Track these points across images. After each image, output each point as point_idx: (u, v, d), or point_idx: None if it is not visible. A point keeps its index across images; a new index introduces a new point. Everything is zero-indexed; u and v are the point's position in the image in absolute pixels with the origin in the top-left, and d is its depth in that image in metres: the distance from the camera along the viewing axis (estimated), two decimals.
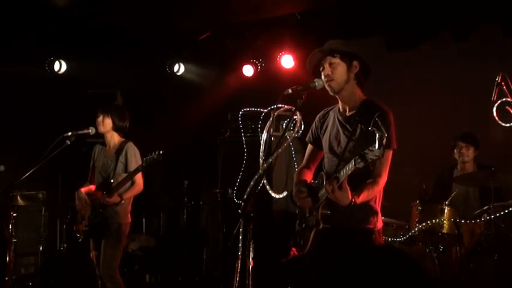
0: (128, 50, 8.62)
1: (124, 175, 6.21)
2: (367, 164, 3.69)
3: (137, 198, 6.46)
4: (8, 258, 6.79)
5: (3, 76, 8.35)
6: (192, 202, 8.91)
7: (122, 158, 6.31)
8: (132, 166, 6.22)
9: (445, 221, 6.24)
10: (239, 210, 3.84)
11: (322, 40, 4.52)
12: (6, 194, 6.69)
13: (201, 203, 9.38)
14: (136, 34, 8.41)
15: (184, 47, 8.88)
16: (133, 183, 6.26)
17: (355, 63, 4.36)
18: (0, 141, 8.93)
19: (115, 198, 6.14)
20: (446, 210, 6.28)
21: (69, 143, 6.22)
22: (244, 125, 7.97)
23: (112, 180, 6.22)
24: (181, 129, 9.10)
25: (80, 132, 6.39)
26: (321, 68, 4.40)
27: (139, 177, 6.27)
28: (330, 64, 4.33)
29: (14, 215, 7.22)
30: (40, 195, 8.64)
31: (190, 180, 8.83)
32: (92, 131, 6.41)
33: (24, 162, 7.89)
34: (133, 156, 6.29)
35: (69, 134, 6.26)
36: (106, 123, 6.37)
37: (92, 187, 6.52)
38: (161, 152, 5.86)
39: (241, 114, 8.05)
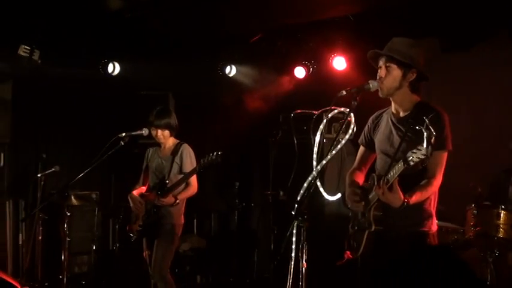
0: (180, 52, 8.63)
1: (179, 176, 6.24)
2: (415, 163, 3.65)
3: (189, 199, 6.47)
4: (63, 257, 6.85)
5: (59, 78, 8.42)
6: (244, 204, 9.01)
7: (177, 159, 6.32)
8: (187, 167, 6.24)
9: (501, 226, 6.11)
10: (292, 212, 3.81)
11: (375, 41, 4.53)
12: (61, 194, 6.73)
13: (252, 204, 9.40)
14: (189, 36, 8.41)
15: (236, 49, 8.87)
16: (188, 185, 6.28)
17: (412, 71, 4.28)
18: (55, 142, 9.01)
19: (170, 199, 6.16)
20: (502, 214, 6.12)
21: (123, 143, 6.20)
22: (296, 127, 7.56)
23: (167, 181, 6.23)
24: (232, 131, 9.11)
25: (134, 133, 6.38)
26: (378, 66, 4.35)
27: (194, 179, 6.29)
28: (386, 67, 4.27)
29: (69, 214, 7.20)
30: (93, 196, 8.75)
31: (241, 181, 8.95)
32: (145, 132, 6.40)
33: (78, 163, 8.04)
34: (189, 158, 6.30)
35: (123, 134, 6.24)
36: (166, 135, 6.40)
37: (143, 188, 6.54)
38: (220, 153, 5.87)
39: (292, 116, 7.73)
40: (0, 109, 8.05)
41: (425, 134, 3.56)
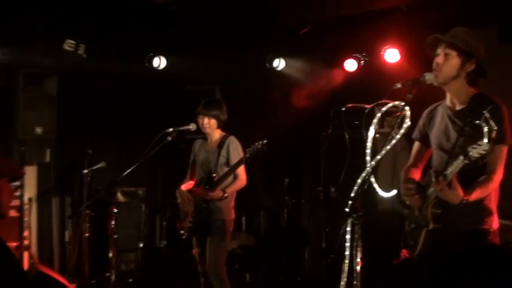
0: (227, 46, 8.59)
1: (226, 169, 6.27)
2: (475, 159, 3.64)
3: (237, 196, 6.49)
4: (110, 254, 6.91)
5: (104, 72, 8.49)
6: (293, 200, 8.95)
7: (223, 152, 6.35)
8: (234, 160, 6.25)
9: None
10: (346, 209, 3.80)
11: (429, 32, 4.40)
12: (108, 191, 6.79)
13: (302, 201, 9.39)
14: (236, 29, 8.38)
15: (285, 42, 8.83)
16: (236, 178, 6.29)
17: (471, 61, 4.23)
18: (101, 137, 9.06)
19: (218, 193, 6.17)
20: None
21: (170, 139, 6.24)
22: (347, 121, 7.46)
23: (214, 175, 6.27)
24: (281, 125, 9.03)
25: (181, 128, 6.42)
26: (436, 53, 4.29)
27: (242, 172, 6.31)
28: (445, 54, 4.22)
29: (115, 211, 7.20)
30: (140, 192, 8.84)
31: (291, 178, 8.88)
32: (193, 127, 6.44)
33: (124, 159, 8.28)
34: (236, 150, 6.32)
35: (171, 130, 6.27)
36: (212, 124, 6.42)
37: (191, 183, 6.57)
38: (265, 142, 5.93)
39: (344, 110, 7.60)
40: (46, 104, 8.09)
41: (485, 128, 3.54)
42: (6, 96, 8.06)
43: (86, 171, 8.03)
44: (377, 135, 5.98)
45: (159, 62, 8.55)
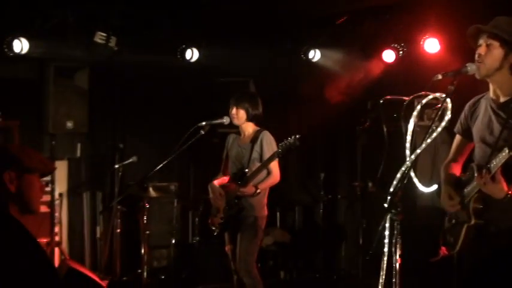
0: (261, 37, 8.54)
1: (259, 164, 6.25)
2: None
3: (271, 191, 6.46)
4: (142, 251, 7.01)
5: (135, 65, 8.52)
6: (329, 196, 8.92)
7: (257, 147, 6.31)
8: (267, 155, 6.23)
9: None
10: (384, 205, 3.74)
11: (470, 22, 4.31)
12: (140, 186, 6.99)
13: (338, 196, 9.33)
14: (270, 20, 8.31)
15: (320, 33, 8.68)
16: (269, 173, 6.27)
17: None
18: (132, 131, 9.17)
19: (250, 189, 6.16)
20: None
21: (203, 133, 6.27)
22: (385, 114, 7.46)
23: (247, 170, 6.24)
24: (317, 119, 8.96)
25: (214, 122, 6.44)
26: (478, 44, 4.20)
27: (275, 167, 6.27)
28: (488, 45, 4.11)
29: (147, 206, 7.47)
30: (172, 187, 8.89)
31: (327, 172, 8.90)
32: (226, 120, 6.43)
33: (156, 153, 8.23)
34: (269, 145, 6.28)
35: (203, 124, 6.30)
36: (240, 116, 6.38)
37: (225, 178, 6.55)
38: (298, 136, 5.89)
39: (382, 103, 7.49)
40: (76, 98, 8.19)
41: None
42: (37, 89, 8.17)
43: (117, 166, 8.06)
44: (417, 129, 6.03)
45: (192, 54, 8.48)
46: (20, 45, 7.27)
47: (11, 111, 7.70)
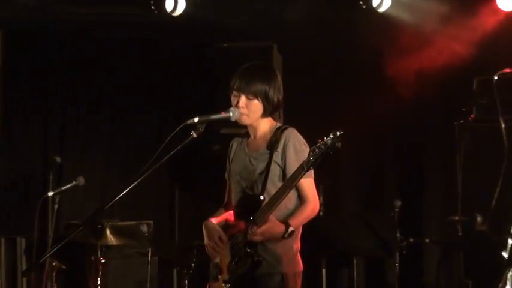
0: None
1: (281, 184, 5.25)
2: None
3: (308, 231, 5.41)
4: None
5: (76, 25, 7.80)
6: (410, 239, 7.61)
7: (276, 156, 5.29)
8: (294, 167, 5.14)
9: None
10: (503, 253, 3.78)
11: None
12: (90, 226, 6.42)
13: (426, 240, 7.99)
14: None
15: None
16: (304, 199, 5.25)
17: None
18: (76, 136, 8.33)
19: (273, 227, 5.12)
20: None
21: (195, 136, 4.90)
22: (503, 99, 5.85)
23: (262, 197, 5.16)
24: (382, 109, 7.95)
25: (214, 117, 5.10)
26: None
27: (310, 188, 5.26)
28: None
29: (103, 261, 7.04)
30: (144, 228, 7.67)
31: (405, 200, 7.54)
32: (233, 114, 5.21)
33: (117, 171, 8.11)
34: (298, 152, 5.27)
35: (196, 120, 4.93)
36: (253, 109, 5.34)
37: (230, 214, 5.57)
38: (337, 134, 4.83)
39: (496, 81, 5.82)
40: None
41: None
42: None
43: (51, 193, 7.04)
44: None
45: (174, 5, 7.68)
46: None
47: None
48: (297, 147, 5.33)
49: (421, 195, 8.54)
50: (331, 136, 4.83)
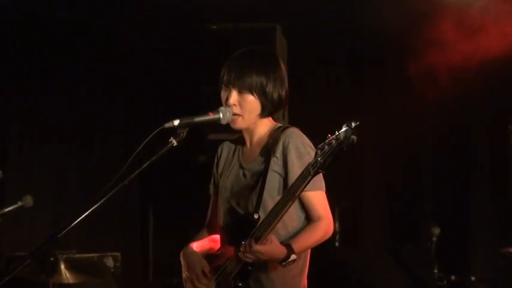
0: None
1: (279, 198, 4.82)
2: None
3: (316, 259, 4.86)
4: None
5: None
6: (452, 276, 7.31)
7: (275, 163, 4.90)
8: (297, 175, 4.84)
9: None
10: None
11: None
12: (40, 259, 6.14)
13: (472, 278, 7.46)
14: None
15: None
16: (312, 217, 4.79)
17: None
18: (22, 142, 7.97)
19: (271, 250, 4.71)
20: None
21: (175, 143, 4.48)
22: None
23: (257, 215, 4.78)
24: (406, 106, 7.84)
25: (199, 119, 4.67)
26: None
27: (321, 202, 4.77)
28: None
29: None
30: (109, 261, 7.43)
31: (443, 223, 7.26)
32: (223, 116, 4.81)
33: (74, 189, 7.85)
34: (300, 157, 4.90)
35: (176, 123, 4.51)
36: (248, 107, 4.94)
37: (215, 239, 5.13)
38: (352, 125, 4.23)
39: None
40: None
41: None
42: None
43: None
44: None
45: None
46: None
47: None
48: (300, 150, 4.84)
49: (465, 221, 8.20)
50: (345, 128, 4.10)
